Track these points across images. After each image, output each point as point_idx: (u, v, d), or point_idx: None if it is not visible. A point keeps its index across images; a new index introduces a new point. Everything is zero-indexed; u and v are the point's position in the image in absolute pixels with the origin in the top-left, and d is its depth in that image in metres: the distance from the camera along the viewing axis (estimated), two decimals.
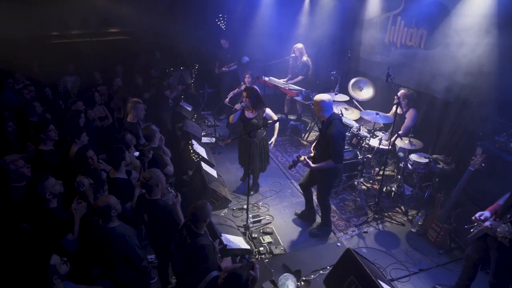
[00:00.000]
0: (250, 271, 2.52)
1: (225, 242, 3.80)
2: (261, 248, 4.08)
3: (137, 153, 3.87)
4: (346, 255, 3.00)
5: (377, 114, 4.68)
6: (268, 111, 4.78)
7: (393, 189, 5.05)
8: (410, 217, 4.70)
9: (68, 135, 4.54)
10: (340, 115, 5.21)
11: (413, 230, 4.46)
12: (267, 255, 3.97)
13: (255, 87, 4.96)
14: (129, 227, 3.22)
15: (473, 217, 3.08)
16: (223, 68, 7.60)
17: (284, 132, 7.13)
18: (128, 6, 7.69)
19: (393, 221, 4.64)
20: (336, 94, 5.77)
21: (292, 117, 7.67)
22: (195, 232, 2.99)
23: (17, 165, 3.53)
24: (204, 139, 6.83)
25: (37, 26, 7.87)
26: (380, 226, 4.57)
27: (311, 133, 7.03)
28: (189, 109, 7.57)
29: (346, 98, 5.81)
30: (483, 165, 3.75)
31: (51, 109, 5.78)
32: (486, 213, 3.03)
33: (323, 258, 3.66)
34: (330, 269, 3.21)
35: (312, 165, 3.87)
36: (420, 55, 5.20)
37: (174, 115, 7.21)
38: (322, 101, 3.71)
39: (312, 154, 4.10)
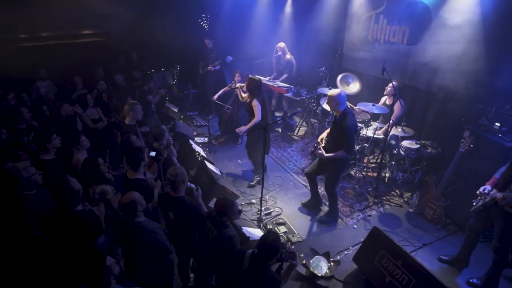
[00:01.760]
0: (292, 261, 2.75)
1: (247, 235, 3.93)
2: None
3: (153, 153, 3.85)
4: (374, 233, 3.26)
5: (373, 105, 5.03)
6: (255, 103, 4.84)
7: (387, 175, 5.45)
8: (406, 199, 5.11)
9: (67, 141, 4.40)
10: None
11: (410, 210, 4.86)
12: (287, 244, 4.13)
13: (259, 81, 4.98)
14: (154, 222, 3.23)
15: (477, 192, 3.47)
16: (209, 67, 7.63)
17: (277, 128, 7.32)
18: (103, 7, 7.44)
19: (391, 203, 5.02)
20: (330, 89, 6.06)
21: (278, 114, 7.88)
22: (222, 223, 3.06)
23: (29, 172, 3.38)
24: (197, 139, 6.83)
25: (3, 28, 7.37)
26: (381, 209, 4.93)
27: (301, 128, 7.30)
28: (175, 110, 7.53)
29: None
30: (471, 146, 4.20)
31: (35, 115, 5.51)
32: (488, 187, 3.43)
33: (343, 240, 3.90)
34: (358, 247, 3.46)
35: (326, 154, 4.10)
36: (403, 50, 5.64)
37: (161, 117, 7.13)
38: (338, 96, 3.93)
39: (322, 145, 4.31)
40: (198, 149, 5.56)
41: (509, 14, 4.17)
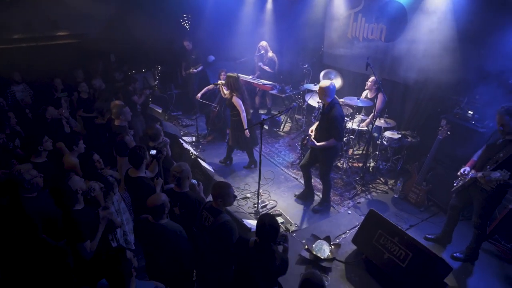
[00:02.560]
0: (285, 244, 2.90)
1: (248, 226, 4.06)
2: None
3: (154, 152, 3.89)
4: (371, 215, 3.51)
5: (358, 99, 5.33)
6: (235, 99, 5.18)
7: (371, 164, 5.78)
8: (390, 186, 5.46)
9: (64, 143, 4.36)
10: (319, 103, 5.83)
11: (395, 195, 5.21)
12: (286, 232, 4.32)
13: (237, 76, 5.26)
14: (176, 223, 3.27)
15: (458, 173, 3.81)
16: (191, 70, 7.66)
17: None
18: (78, 7, 7.28)
19: (378, 190, 5.35)
20: (315, 85, 6.33)
21: (262, 111, 8.06)
22: (217, 209, 3.13)
23: (31, 175, 3.34)
24: (185, 139, 6.87)
25: None
26: (369, 196, 5.24)
27: (286, 124, 7.52)
28: (160, 110, 7.51)
29: None
30: (448, 133, 4.58)
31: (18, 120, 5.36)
32: (467, 168, 3.77)
33: (340, 225, 4.14)
34: (356, 230, 3.70)
35: (317, 143, 4.32)
36: (381, 47, 6.00)
37: (146, 118, 7.10)
38: (327, 87, 4.18)
39: (313, 136, 4.53)
40: (189, 147, 5.63)
41: (478, 15, 4.56)
